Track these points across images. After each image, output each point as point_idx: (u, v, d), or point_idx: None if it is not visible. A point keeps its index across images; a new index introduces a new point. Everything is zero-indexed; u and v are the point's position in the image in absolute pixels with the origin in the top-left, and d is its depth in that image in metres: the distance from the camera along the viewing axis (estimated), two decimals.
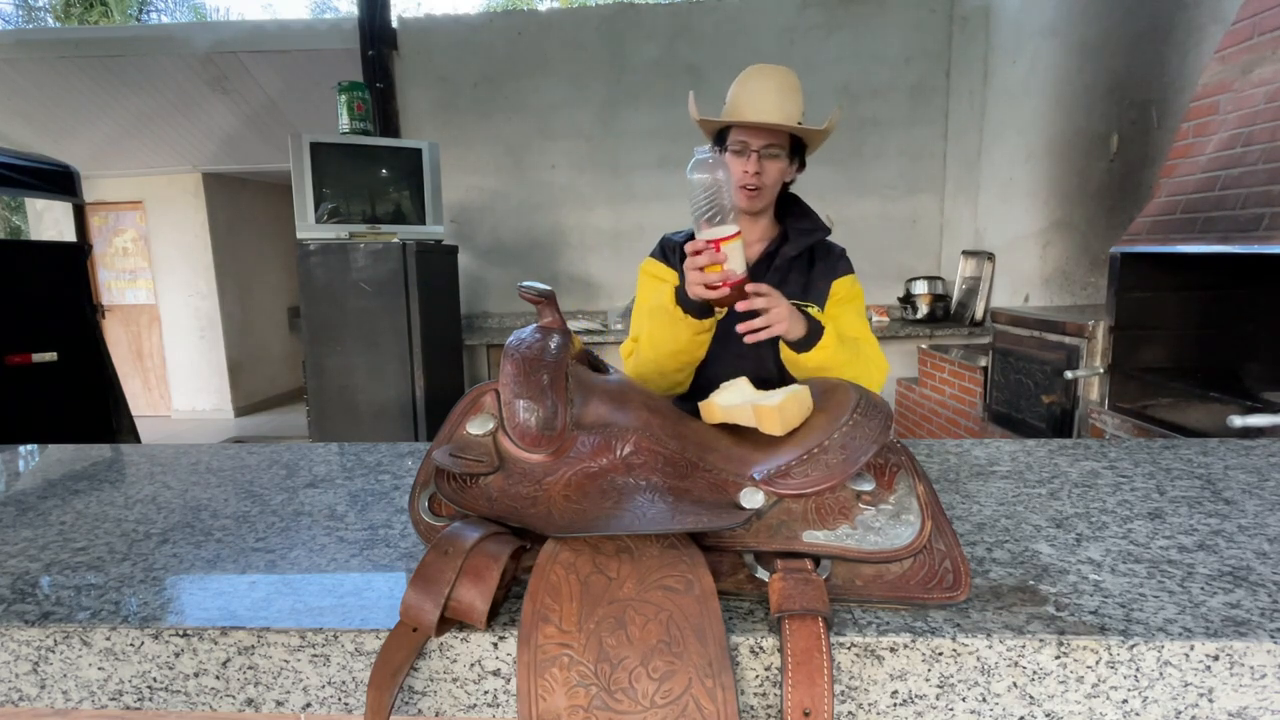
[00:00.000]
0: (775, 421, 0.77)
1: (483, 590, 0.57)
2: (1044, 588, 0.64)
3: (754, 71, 1.31)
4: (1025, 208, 3.60)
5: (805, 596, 0.58)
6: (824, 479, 0.66)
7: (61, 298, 3.50)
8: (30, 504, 0.96)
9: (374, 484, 1.00)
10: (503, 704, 0.60)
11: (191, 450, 1.21)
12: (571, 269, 4.63)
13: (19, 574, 0.73)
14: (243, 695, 0.62)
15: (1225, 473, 0.96)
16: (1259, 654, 0.55)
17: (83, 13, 10.60)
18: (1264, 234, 1.69)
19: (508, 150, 4.51)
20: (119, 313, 6.42)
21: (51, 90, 5.00)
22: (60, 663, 0.63)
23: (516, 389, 0.75)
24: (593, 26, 4.39)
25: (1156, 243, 2.07)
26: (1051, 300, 3.36)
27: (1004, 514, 0.83)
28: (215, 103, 5.16)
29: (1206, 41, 2.35)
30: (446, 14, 4.77)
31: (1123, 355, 2.24)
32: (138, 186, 6.14)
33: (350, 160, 3.43)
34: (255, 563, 0.74)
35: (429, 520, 0.70)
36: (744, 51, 4.28)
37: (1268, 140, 1.82)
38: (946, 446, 1.12)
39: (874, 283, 4.43)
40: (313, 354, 3.39)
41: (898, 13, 4.22)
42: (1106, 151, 2.95)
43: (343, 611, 0.63)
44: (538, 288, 0.87)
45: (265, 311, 6.90)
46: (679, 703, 0.52)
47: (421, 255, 3.35)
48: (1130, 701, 0.56)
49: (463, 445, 0.75)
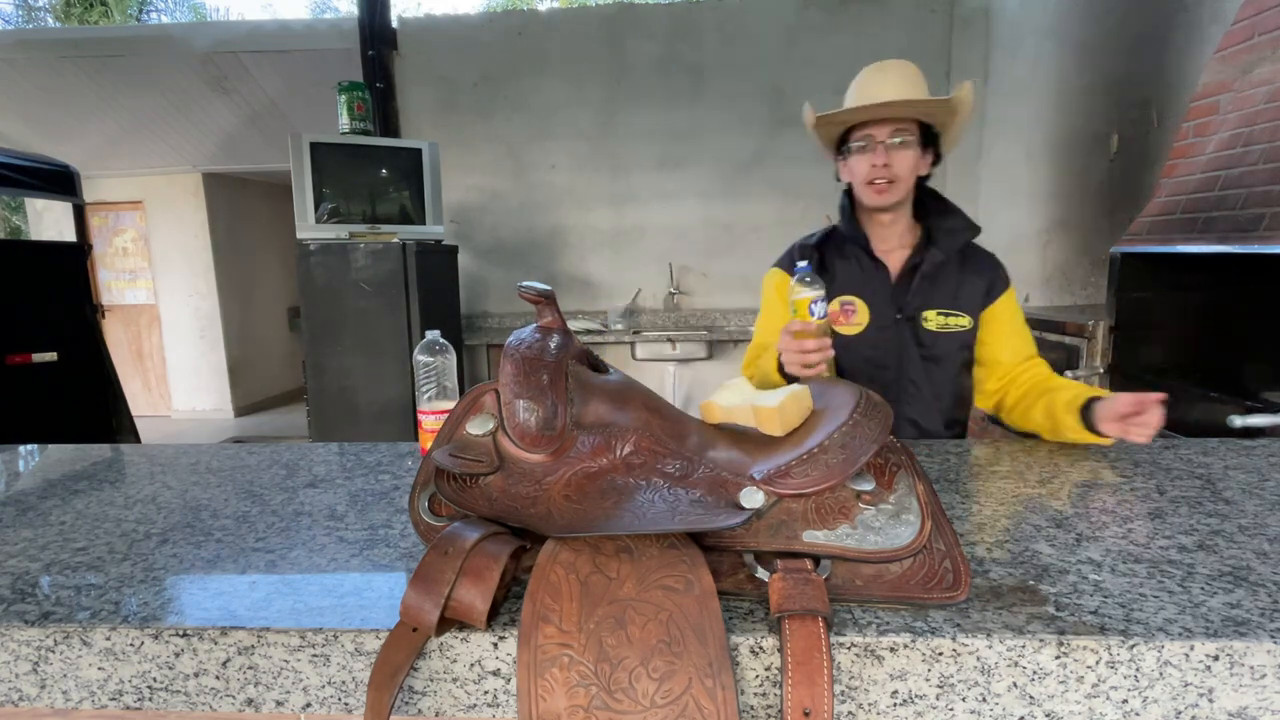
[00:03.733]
0: (775, 421, 0.77)
1: (483, 590, 0.57)
2: (1044, 588, 0.64)
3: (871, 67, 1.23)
4: (1025, 208, 3.60)
5: (805, 596, 0.58)
6: (824, 479, 0.66)
7: (61, 298, 3.49)
8: (30, 504, 0.96)
9: (374, 484, 1.00)
10: (503, 704, 0.60)
11: (191, 450, 1.21)
12: (571, 269, 4.62)
13: (19, 574, 0.73)
14: (243, 695, 0.62)
15: (1225, 473, 0.96)
16: (1259, 654, 0.55)
17: (83, 13, 10.60)
18: (1264, 234, 1.69)
19: (508, 150, 4.51)
20: (119, 313, 6.42)
21: (51, 90, 5.00)
22: (60, 663, 0.63)
23: (516, 389, 0.75)
24: (593, 26, 4.39)
25: (1156, 243, 2.07)
26: (1051, 300, 3.36)
27: (1004, 514, 0.83)
28: (215, 103, 5.15)
29: (1206, 41, 2.35)
30: (446, 14, 4.78)
31: (1123, 355, 2.24)
32: (138, 186, 6.14)
33: (350, 160, 3.43)
34: (255, 563, 0.74)
35: (429, 520, 0.70)
36: (744, 51, 4.28)
37: (1268, 140, 1.82)
38: (946, 446, 1.12)
39: None
40: (313, 354, 3.39)
41: (898, 13, 4.22)
42: (1106, 151, 2.95)
43: (343, 611, 0.63)
44: (537, 288, 0.87)
45: (265, 311, 6.90)
46: (679, 703, 0.52)
47: (421, 255, 3.35)
48: (1130, 701, 0.56)
49: (463, 445, 0.75)
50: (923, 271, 1.24)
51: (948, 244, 1.24)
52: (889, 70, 1.21)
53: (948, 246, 1.24)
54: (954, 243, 1.25)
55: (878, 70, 1.21)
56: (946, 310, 1.24)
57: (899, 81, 1.18)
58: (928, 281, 1.24)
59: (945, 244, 1.24)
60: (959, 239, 1.25)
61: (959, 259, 1.27)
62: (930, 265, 1.24)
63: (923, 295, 1.25)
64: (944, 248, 1.24)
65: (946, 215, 1.27)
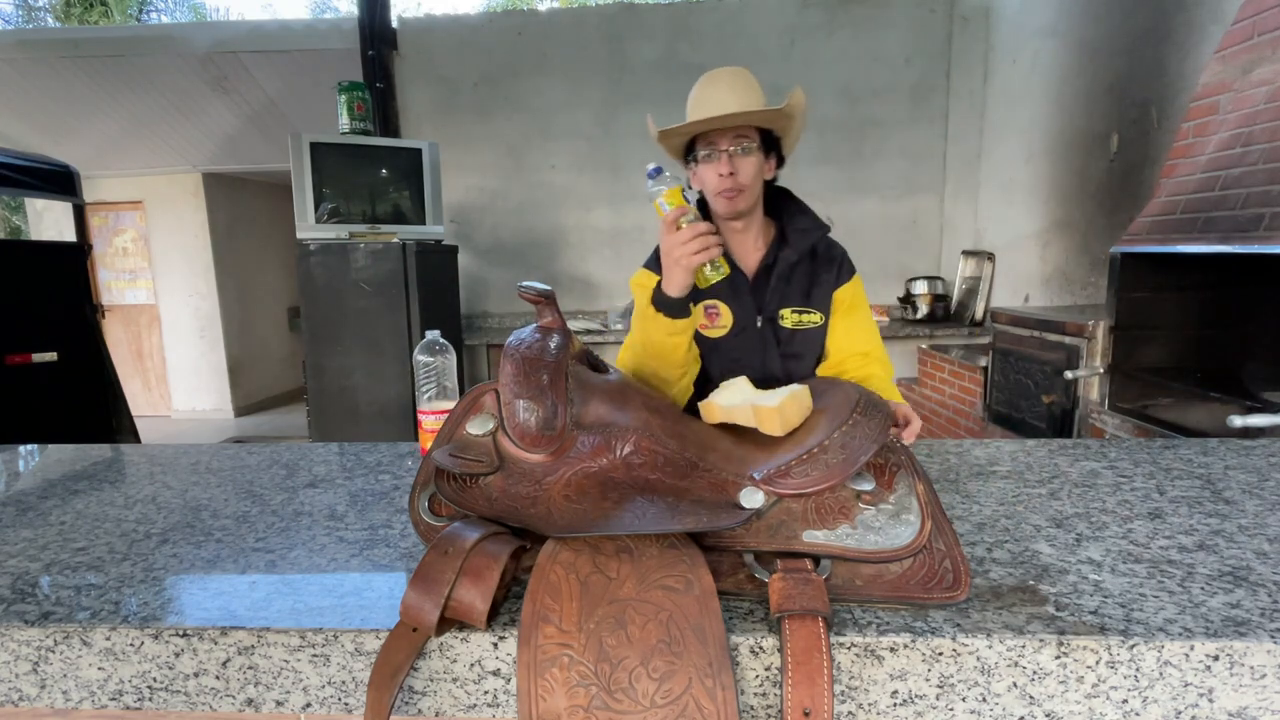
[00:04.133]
0: (775, 421, 0.77)
1: (483, 590, 0.57)
2: (1044, 588, 0.64)
3: (705, 77, 1.26)
4: (1025, 208, 3.60)
5: (805, 596, 0.58)
6: (824, 479, 0.66)
7: (61, 298, 3.49)
8: (30, 504, 0.96)
9: (374, 484, 1.00)
10: (503, 704, 0.60)
11: (191, 450, 1.21)
12: (571, 269, 4.62)
13: (19, 574, 0.73)
14: (243, 695, 0.62)
15: (1225, 473, 0.96)
16: (1259, 654, 0.55)
17: (83, 13, 10.60)
18: (1264, 234, 1.69)
19: (508, 150, 4.51)
20: (119, 313, 6.42)
21: (51, 90, 5.00)
22: (60, 663, 0.62)
23: (516, 389, 0.75)
24: (593, 26, 4.39)
25: (1156, 243, 2.07)
26: (1051, 300, 3.36)
27: (1004, 514, 0.83)
28: (215, 103, 5.15)
29: (1206, 41, 2.35)
30: (446, 14, 4.78)
31: (1123, 355, 2.24)
32: (138, 186, 6.14)
33: (350, 160, 3.43)
34: (255, 563, 0.74)
35: (429, 520, 0.70)
36: (744, 51, 4.27)
37: (1268, 140, 1.82)
38: (946, 446, 1.12)
39: (874, 283, 4.42)
40: (313, 354, 3.39)
41: (898, 13, 4.22)
42: (1106, 151, 2.95)
43: (343, 611, 0.63)
44: (537, 288, 0.87)
45: (265, 311, 6.90)
46: (679, 703, 0.52)
47: (421, 255, 3.35)
48: (1130, 701, 0.56)
49: (463, 445, 0.75)
50: (777, 272, 1.29)
51: (799, 243, 1.29)
52: (721, 79, 1.24)
53: (799, 245, 1.29)
54: (805, 241, 1.29)
55: (710, 80, 1.25)
56: (800, 308, 1.29)
57: (732, 91, 1.22)
58: (783, 281, 1.29)
59: (797, 243, 1.29)
60: (809, 238, 1.30)
61: (811, 257, 1.32)
62: (784, 265, 1.28)
63: (779, 295, 1.29)
64: (796, 247, 1.29)
65: (797, 215, 1.32)
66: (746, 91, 1.23)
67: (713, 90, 1.23)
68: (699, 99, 1.24)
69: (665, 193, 1.09)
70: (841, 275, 1.33)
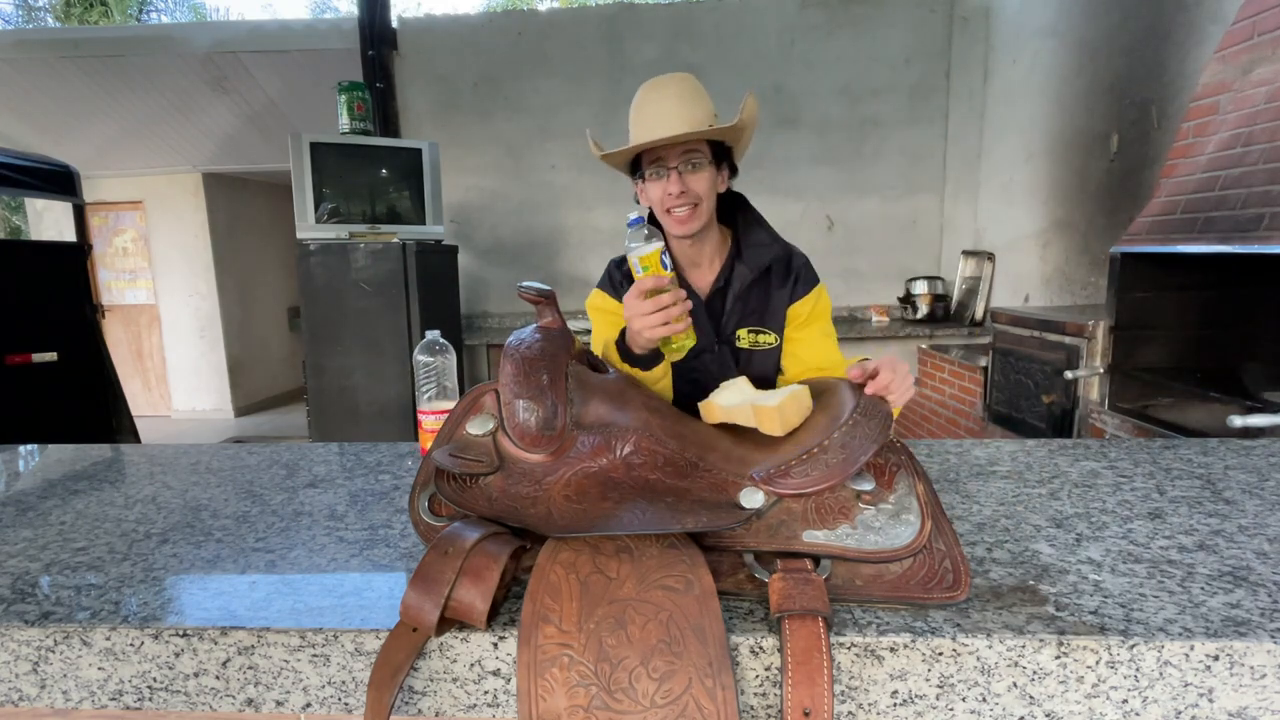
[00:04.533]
0: (775, 421, 0.77)
1: (483, 590, 0.57)
2: (1044, 588, 0.64)
3: (647, 87, 1.14)
4: (1025, 208, 3.60)
5: (805, 596, 0.58)
6: (824, 479, 0.66)
7: (61, 298, 3.49)
8: (30, 504, 0.96)
9: (374, 484, 1.00)
10: (503, 704, 0.60)
11: (191, 450, 1.21)
12: (571, 269, 4.62)
13: (19, 574, 0.73)
14: (243, 695, 0.62)
15: (1225, 473, 0.96)
16: (1259, 654, 0.55)
17: (83, 13, 10.60)
18: (1264, 234, 1.69)
19: (508, 150, 4.51)
20: (119, 313, 6.42)
21: (51, 90, 5.00)
22: (60, 663, 0.62)
23: (516, 389, 0.75)
24: (593, 26, 4.39)
25: (1156, 243, 2.07)
26: (1051, 300, 3.36)
27: (1004, 514, 0.83)
28: (215, 103, 5.15)
29: (1206, 41, 2.35)
30: (446, 14, 4.78)
31: (1123, 355, 2.24)
32: (138, 186, 6.14)
33: (350, 160, 3.43)
34: (255, 563, 0.74)
35: (429, 520, 0.70)
36: (744, 51, 4.28)
37: (1268, 140, 1.82)
38: (946, 446, 1.12)
39: (874, 283, 4.43)
40: (313, 354, 3.39)
41: (898, 13, 4.22)
42: (1106, 151, 2.95)
43: (343, 611, 0.63)
44: (537, 288, 0.87)
45: (265, 311, 6.90)
46: (679, 703, 0.52)
47: (421, 255, 3.35)
48: (1130, 701, 0.56)
49: (463, 445, 0.75)
50: (733, 291, 1.21)
51: (754, 260, 1.20)
52: (666, 90, 1.13)
53: (755, 262, 1.20)
54: (759, 259, 1.20)
55: (655, 90, 1.13)
56: (756, 329, 1.21)
57: (680, 102, 1.11)
58: (740, 301, 1.21)
59: (752, 260, 1.20)
60: (764, 255, 1.21)
61: (766, 274, 1.23)
62: (740, 284, 1.20)
63: (736, 316, 1.22)
64: (751, 264, 1.20)
65: (753, 227, 1.23)
66: (695, 103, 1.12)
67: (658, 104, 1.12)
68: (644, 113, 1.13)
69: (642, 257, 1.00)
70: (798, 289, 1.23)
